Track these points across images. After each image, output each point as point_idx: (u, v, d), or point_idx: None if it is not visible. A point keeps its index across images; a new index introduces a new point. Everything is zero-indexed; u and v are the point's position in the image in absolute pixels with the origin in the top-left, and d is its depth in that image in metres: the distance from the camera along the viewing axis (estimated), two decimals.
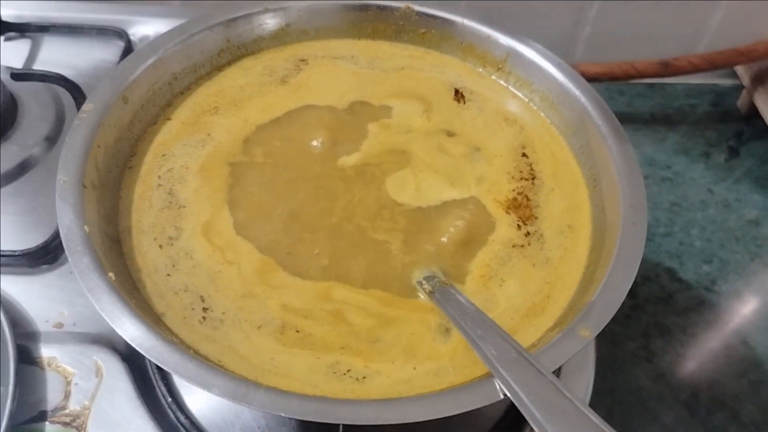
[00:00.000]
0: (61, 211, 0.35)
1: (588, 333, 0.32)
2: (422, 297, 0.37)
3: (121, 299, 0.32)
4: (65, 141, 0.38)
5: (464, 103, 0.48)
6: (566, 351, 0.32)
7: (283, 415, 0.28)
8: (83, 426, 0.41)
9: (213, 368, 0.31)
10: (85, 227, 0.35)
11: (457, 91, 0.49)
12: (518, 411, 0.27)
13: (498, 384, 0.28)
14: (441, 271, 0.38)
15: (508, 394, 0.28)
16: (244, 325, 0.36)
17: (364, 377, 0.34)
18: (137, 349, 0.30)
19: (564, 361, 0.31)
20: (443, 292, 0.35)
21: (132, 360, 0.44)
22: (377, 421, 0.28)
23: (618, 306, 0.33)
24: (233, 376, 0.31)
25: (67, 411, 0.42)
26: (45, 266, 0.49)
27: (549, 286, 0.39)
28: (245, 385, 0.30)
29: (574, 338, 0.32)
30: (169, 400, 0.43)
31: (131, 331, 0.31)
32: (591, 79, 0.70)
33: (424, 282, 0.37)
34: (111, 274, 0.34)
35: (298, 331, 0.36)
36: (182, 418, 0.42)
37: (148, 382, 0.44)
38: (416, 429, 0.41)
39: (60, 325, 0.46)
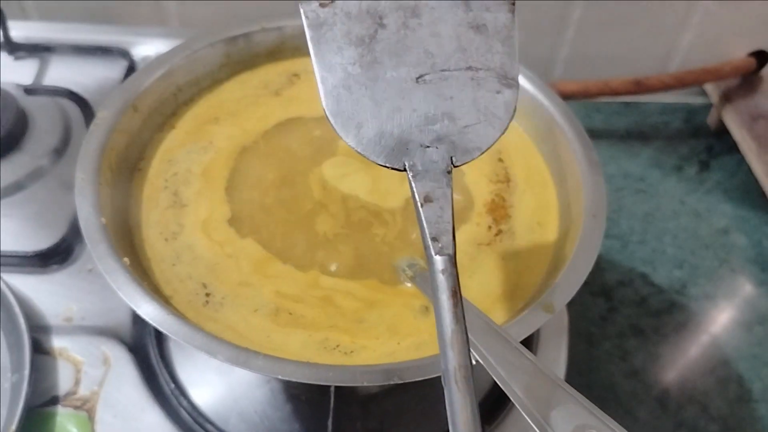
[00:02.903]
0: (80, 204, 0.39)
1: (551, 309, 0.35)
2: (406, 283, 0.41)
3: (135, 280, 0.36)
4: (82, 143, 0.42)
5: None
6: (532, 324, 0.35)
7: (280, 377, 0.32)
8: (92, 409, 0.44)
9: (218, 339, 0.34)
10: (102, 219, 0.38)
11: None
12: (500, 392, 0.30)
13: (471, 351, 0.32)
14: (422, 260, 0.41)
15: (480, 360, 0.31)
16: (242, 309, 0.39)
17: (351, 351, 0.37)
18: (151, 322, 0.34)
19: (530, 332, 0.35)
20: (423, 276, 0.39)
21: (137, 350, 0.48)
22: (364, 382, 0.32)
23: (579, 285, 0.37)
24: (236, 345, 0.34)
25: (77, 396, 0.45)
26: (55, 266, 0.52)
27: (517, 275, 0.42)
28: (246, 353, 0.33)
29: (538, 314, 0.36)
30: (172, 386, 0.46)
31: (145, 307, 0.35)
32: (568, 96, 0.73)
33: (406, 269, 0.40)
34: (126, 259, 0.37)
35: (290, 314, 0.39)
36: (184, 402, 0.45)
37: (152, 370, 0.47)
38: (401, 403, 0.44)
39: (69, 319, 0.49)
